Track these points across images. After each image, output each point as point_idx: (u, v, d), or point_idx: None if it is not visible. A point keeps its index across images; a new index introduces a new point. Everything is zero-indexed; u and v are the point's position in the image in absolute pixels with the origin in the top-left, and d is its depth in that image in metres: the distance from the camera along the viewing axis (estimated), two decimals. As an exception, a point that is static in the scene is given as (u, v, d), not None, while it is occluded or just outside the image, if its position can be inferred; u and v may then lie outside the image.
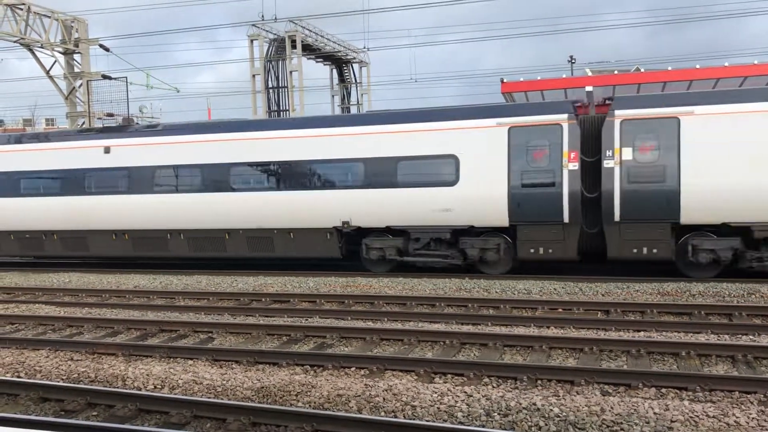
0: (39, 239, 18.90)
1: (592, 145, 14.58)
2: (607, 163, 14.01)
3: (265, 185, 16.63)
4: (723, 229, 13.68)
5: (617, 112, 14.13)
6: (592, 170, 14.44)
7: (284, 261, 17.95)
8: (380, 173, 15.59)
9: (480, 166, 14.86)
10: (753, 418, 6.12)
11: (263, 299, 13.36)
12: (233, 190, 16.81)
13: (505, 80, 27.74)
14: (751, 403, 6.79)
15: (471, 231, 15.26)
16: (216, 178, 16.94)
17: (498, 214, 14.76)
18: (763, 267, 13.52)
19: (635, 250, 13.92)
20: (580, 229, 14.46)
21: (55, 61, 29.38)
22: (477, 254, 15.24)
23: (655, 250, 13.82)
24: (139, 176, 17.62)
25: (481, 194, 14.84)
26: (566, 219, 14.33)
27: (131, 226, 17.83)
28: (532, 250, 14.65)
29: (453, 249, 15.45)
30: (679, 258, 14.02)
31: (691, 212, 13.52)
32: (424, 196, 15.26)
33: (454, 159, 15.06)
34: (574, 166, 14.31)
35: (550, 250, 14.54)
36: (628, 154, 13.86)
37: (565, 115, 14.55)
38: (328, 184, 16.15)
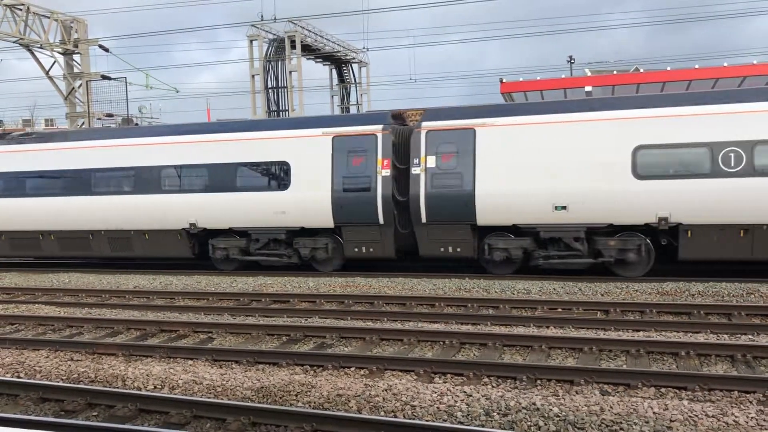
0: None
1: (403, 153, 16.00)
2: (414, 170, 15.38)
3: (123, 189, 17.89)
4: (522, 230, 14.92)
5: (423, 124, 15.45)
6: (404, 176, 15.78)
7: (144, 261, 19.33)
8: (222, 178, 16.89)
9: (308, 172, 16.21)
10: (752, 418, 6.14)
11: (263, 299, 13.37)
12: (95, 194, 18.08)
13: (504, 80, 27.77)
14: (750, 402, 6.80)
15: (304, 232, 16.52)
16: (79, 183, 18.28)
17: (324, 216, 16.07)
18: (550, 264, 14.75)
19: (442, 249, 15.31)
20: (395, 229, 15.72)
21: (55, 62, 29.41)
22: (309, 253, 16.51)
23: (459, 249, 15.15)
24: (12, 181, 19.14)
25: (309, 198, 16.16)
26: (381, 221, 15.63)
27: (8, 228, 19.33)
28: (356, 249, 16.07)
29: (289, 248, 16.72)
30: (480, 256, 15.33)
31: (484, 215, 14.82)
32: (261, 199, 16.55)
33: (286, 165, 16.37)
34: (387, 172, 15.63)
35: (371, 249, 15.99)
36: (432, 162, 15.23)
37: (380, 126, 15.83)
38: (176, 189, 17.40)
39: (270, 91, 37.18)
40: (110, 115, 30.45)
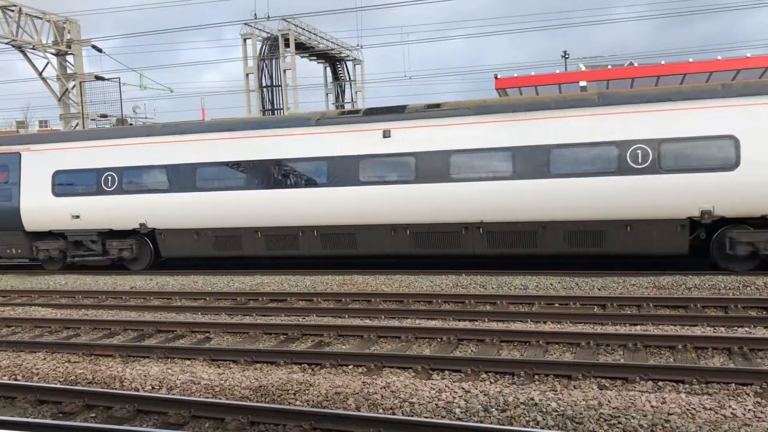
0: None
1: None
2: None
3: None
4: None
5: None
6: None
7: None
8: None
9: None
10: (749, 410, 6.16)
11: (260, 298, 13.36)
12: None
13: (498, 76, 27.76)
14: (748, 394, 6.82)
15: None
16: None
17: None
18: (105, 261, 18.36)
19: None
20: None
21: (48, 63, 29.29)
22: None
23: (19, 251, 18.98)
24: None
25: None
26: None
27: None
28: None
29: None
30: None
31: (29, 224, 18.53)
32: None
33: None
34: None
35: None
36: None
37: None
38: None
39: (264, 89, 37.10)
40: (104, 116, 30.36)
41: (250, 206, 16.50)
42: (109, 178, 17.80)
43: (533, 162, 14.36)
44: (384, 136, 15.53)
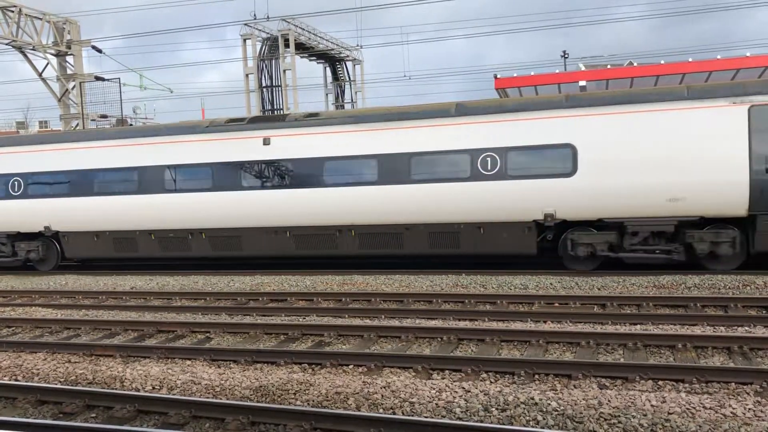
0: None
1: None
2: None
3: None
4: None
5: None
6: None
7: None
8: None
9: None
10: (749, 409, 6.16)
11: (260, 298, 13.36)
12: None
13: (498, 76, 27.75)
14: (748, 393, 6.82)
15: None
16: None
17: None
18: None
19: None
20: None
21: (48, 63, 29.28)
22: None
23: None
24: None
25: None
26: None
27: None
28: None
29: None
30: None
31: None
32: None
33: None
34: None
35: None
36: None
37: None
38: None
39: (264, 90, 37.10)
40: (104, 116, 30.36)
41: (142, 210, 17.46)
42: (16, 183, 18.69)
43: (396, 169, 15.41)
44: (264, 144, 16.51)
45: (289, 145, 16.24)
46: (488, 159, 14.66)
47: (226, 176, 16.69)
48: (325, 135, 16.06)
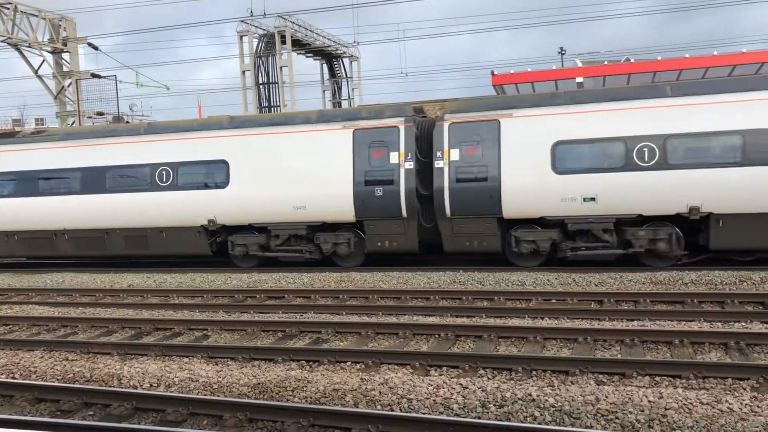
0: None
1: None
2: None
3: None
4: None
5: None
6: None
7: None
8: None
9: None
10: (746, 404, 6.18)
11: (258, 296, 13.36)
12: None
13: (495, 73, 27.74)
14: (744, 389, 6.85)
15: None
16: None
17: None
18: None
19: None
20: None
21: (44, 61, 29.20)
22: None
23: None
24: None
25: None
26: None
27: None
28: None
29: None
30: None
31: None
32: None
33: None
34: None
35: None
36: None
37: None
38: None
39: (261, 87, 37.06)
40: (101, 114, 30.30)
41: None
42: None
43: (95, 181, 17.88)
44: None
45: (16, 159, 18.72)
46: (164, 172, 17.18)
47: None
48: (43, 150, 18.55)
